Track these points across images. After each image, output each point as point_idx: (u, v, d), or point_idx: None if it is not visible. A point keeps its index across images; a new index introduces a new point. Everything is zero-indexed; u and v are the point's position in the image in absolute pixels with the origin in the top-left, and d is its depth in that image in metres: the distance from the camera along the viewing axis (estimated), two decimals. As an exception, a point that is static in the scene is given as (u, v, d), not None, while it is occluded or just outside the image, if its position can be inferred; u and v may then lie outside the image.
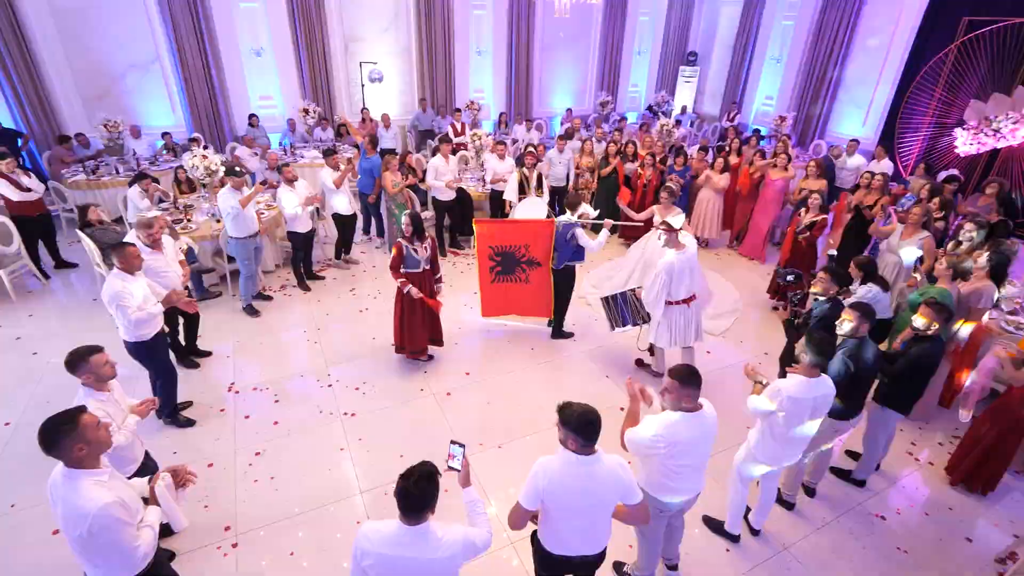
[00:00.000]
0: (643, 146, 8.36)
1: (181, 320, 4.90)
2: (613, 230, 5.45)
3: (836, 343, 3.31)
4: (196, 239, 5.96)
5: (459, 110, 10.29)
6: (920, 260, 5.02)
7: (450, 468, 2.38)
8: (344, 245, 7.02)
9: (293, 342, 5.47)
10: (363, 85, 10.83)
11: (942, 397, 4.75)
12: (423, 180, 8.12)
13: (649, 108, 13.90)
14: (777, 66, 12.74)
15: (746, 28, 12.88)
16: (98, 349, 2.80)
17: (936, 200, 5.55)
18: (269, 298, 6.19)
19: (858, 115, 11.33)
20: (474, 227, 5.31)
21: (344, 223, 6.77)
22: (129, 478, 2.47)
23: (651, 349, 4.93)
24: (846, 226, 6.28)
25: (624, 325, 4.84)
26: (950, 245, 5.05)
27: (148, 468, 3.06)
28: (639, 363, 5.17)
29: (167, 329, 4.50)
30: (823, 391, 2.97)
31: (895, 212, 5.49)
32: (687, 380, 2.53)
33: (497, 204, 7.43)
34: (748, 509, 3.60)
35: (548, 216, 5.61)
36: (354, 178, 6.94)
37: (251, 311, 5.86)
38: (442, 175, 7.07)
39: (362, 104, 10.72)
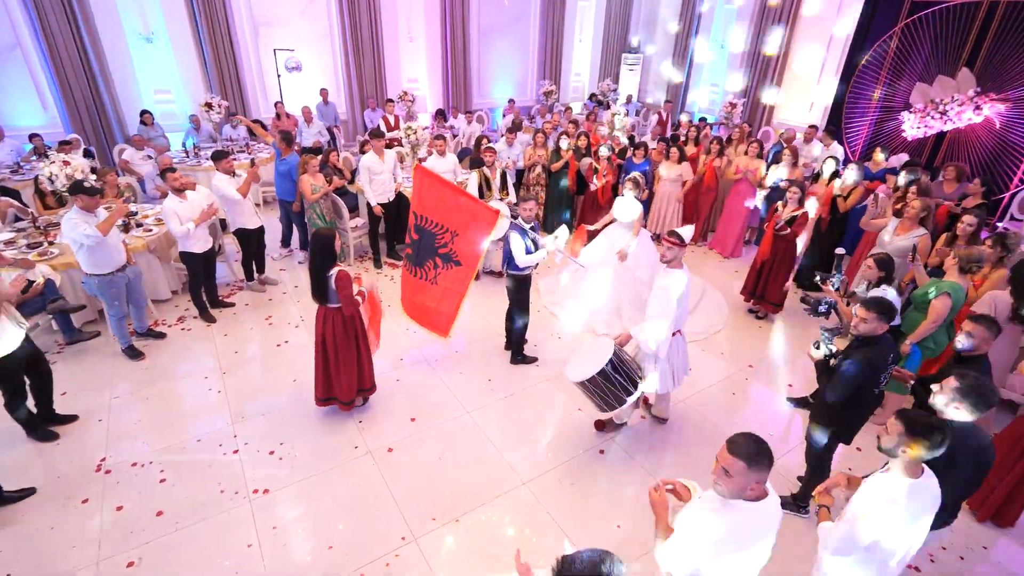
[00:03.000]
0: (595, 141, 7.68)
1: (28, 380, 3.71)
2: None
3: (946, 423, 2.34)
4: (59, 267, 4.72)
5: (391, 101, 9.25)
6: (914, 249, 4.55)
7: None
8: (255, 264, 5.88)
9: (190, 393, 4.36)
10: (279, 76, 9.57)
11: None
12: (352, 181, 7.10)
13: (591, 97, 13.28)
14: (721, 52, 12.46)
15: (688, 14, 12.50)
16: None
17: (914, 189, 5.13)
18: (161, 335, 5.02)
19: (804, 101, 11.16)
20: (412, 174, 4.13)
21: (250, 238, 5.64)
22: None
23: (645, 399, 4.12)
24: (817, 218, 5.83)
25: (628, 396, 3.44)
26: (942, 239, 4.62)
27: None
28: (600, 426, 4.11)
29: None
30: (930, 495, 2.09)
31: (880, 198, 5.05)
32: (756, 459, 1.79)
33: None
34: None
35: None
36: (257, 182, 5.80)
37: (133, 354, 4.69)
38: (376, 175, 6.08)
39: (279, 97, 9.45)
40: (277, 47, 9.51)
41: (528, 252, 4.21)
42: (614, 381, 3.35)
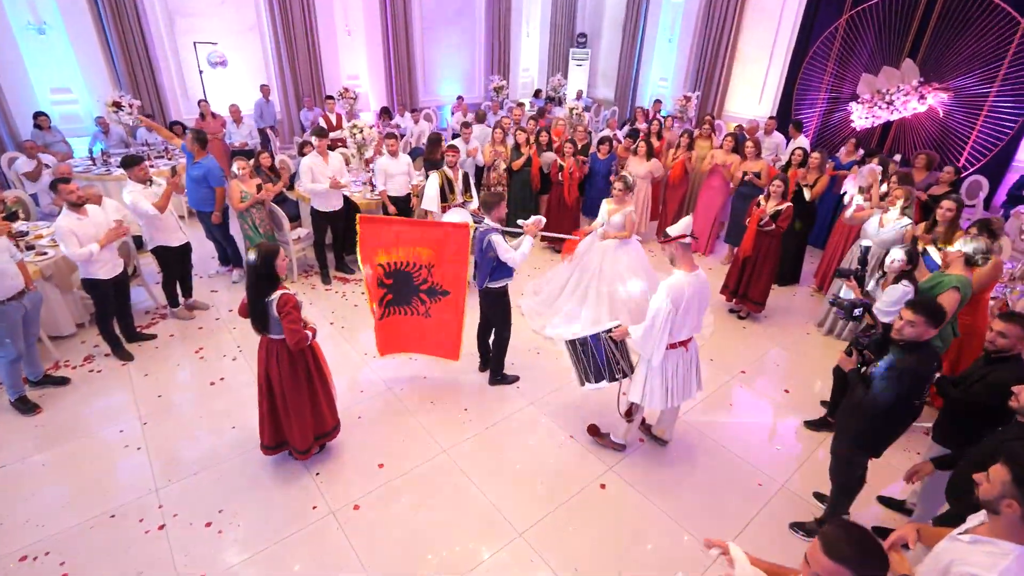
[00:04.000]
0: (556, 134, 7.26)
1: None
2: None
3: None
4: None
5: (331, 98, 8.47)
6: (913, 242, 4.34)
7: None
8: (181, 286, 5.05)
9: (101, 453, 3.56)
10: (201, 72, 8.58)
11: None
12: (292, 187, 6.34)
13: (536, 93, 12.86)
14: (669, 45, 12.37)
15: (635, 7, 12.33)
16: None
17: (894, 179, 5.00)
18: (63, 381, 4.14)
19: (753, 93, 11.21)
20: (356, 228, 3.75)
21: (173, 258, 4.82)
22: None
23: (628, 413, 3.65)
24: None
25: (599, 381, 3.48)
26: (922, 226, 4.47)
27: None
28: (593, 431, 3.84)
29: None
30: None
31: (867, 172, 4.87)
32: (868, 561, 1.34)
33: (401, 215, 5.91)
34: None
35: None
36: (180, 192, 4.98)
37: (24, 406, 3.82)
38: (320, 178, 5.37)
39: (202, 95, 8.46)
40: (197, 40, 8.51)
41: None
42: (597, 358, 3.37)
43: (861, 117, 9.35)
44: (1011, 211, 7.10)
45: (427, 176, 6.11)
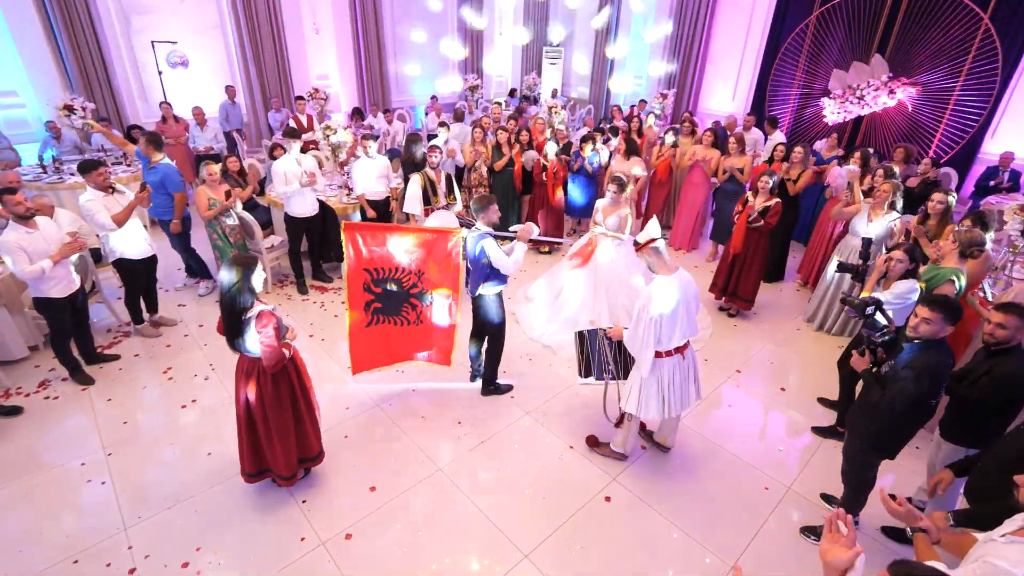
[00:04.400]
0: (535, 133, 7.10)
1: None
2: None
3: None
4: None
5: (301, 99, 8.13)
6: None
7: None
8: (145, 301, 4.71)
9: (61, 489, 3.24)
10: (160, 72, 8.14)
11: None
12: (263, 192, 6.04)
13: (512, 93, 12.71)
14: (643, 44, 12.36)
15: (607, 5, 12.26)
16: None
17: (880, 172, 5.01)
18: (16, 410, 3.78)
19: (727, 90, 11.29)
20: (342, 235, 3.55)
21: (136, 271, 4.48)
22: None
23: (619, 420, 3.52)
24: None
25: (587, 376, 3.44)
26: (914, 220, 4.47)
27: None
28: (592, 441, 3.71)
29: None
30: None
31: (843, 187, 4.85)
32: None
33: (381, 218, 5.68)
34: None
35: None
36: (146, 206, 4.62)
37: (-27, 444, 3.47)
38: (295, 181, 5.09)
39: (162, 97, 8.02)
40: (155, 39, 8.06)
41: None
42: (592, 353, 3.40)
43: (833, 112, 9.48)
44: (980, 202, 7.26)
45: (406, 178, 5.90)
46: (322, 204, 5.55)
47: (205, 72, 8.68)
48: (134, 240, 4.35)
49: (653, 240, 2.96)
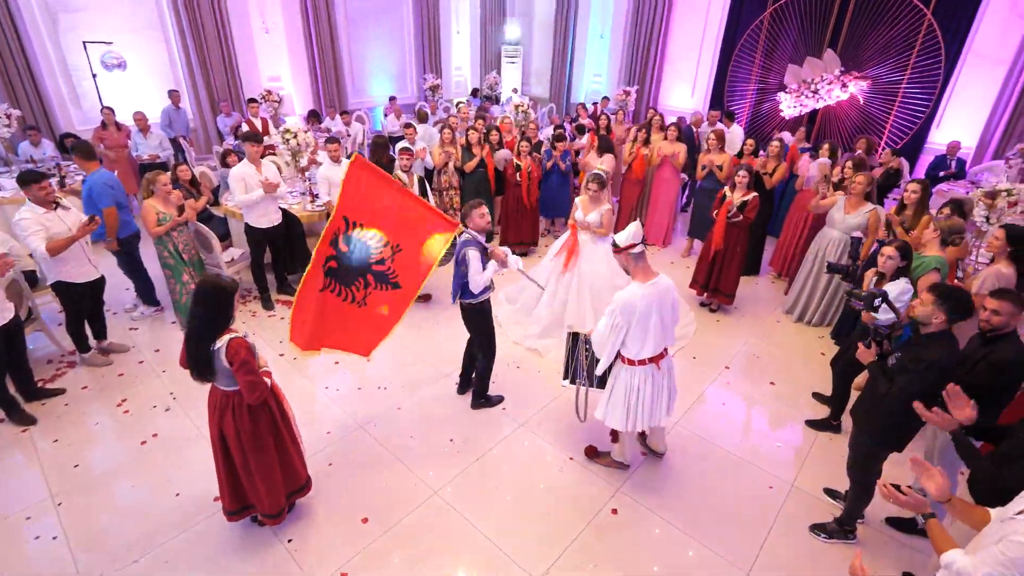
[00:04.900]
0: (505, 131, 6.93)
1: None
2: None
3: None
4: None
5: (255, 102, 7.67)
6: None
7: None
8: (91, 327, 4.27)
9: (3, 549, 2.84)
10: (95, 75, 7.53)
11: None
12: (217, 202, 5.63)
13: (474, 92, 12.52)
14: (601, 42, 12.40)
15: (565, 5, 12.24)
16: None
17: (850, 164, 5.09)
18: (-58, 460, 3.32)
19: (686, 87, 11.44)
20: (346, 166, 3.16)
21: (79, 296, 4.04)
22: None
23: (614, 433, 3.39)
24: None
25: (564, 379, 3.36)
26: (891, 210, 4.54)
27: None
28: (591, 452, 3.53)
29: None
30: None
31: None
32: None
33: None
34: None
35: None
36: (89, 232, 4.04)
37: None
38: (254, 188, 4.73)
39: (98, 102, 7.40)
40: (87, 39, 7.44)
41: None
42: (575, 358, 3.28)
43: (790, 106, 9.74)
44: (931, 190, 7.56)
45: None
46: (285, 213, 5.20)
47: (145, 74, 8.08)
48: (75, 261, 3.90)
49: (633, 246, 2.84)
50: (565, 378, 3.36)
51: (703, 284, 5.34)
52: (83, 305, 4.09)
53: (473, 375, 3.93)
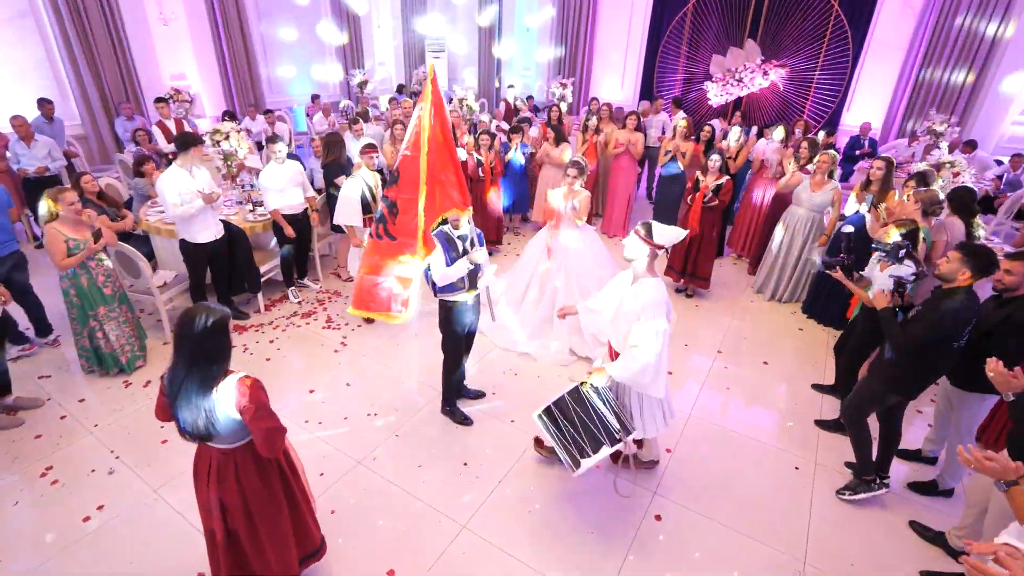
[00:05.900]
0: (455, 122, 6.57)
1: None
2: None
3: None
4: None
5: (164, 101, 6.69)
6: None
7: None
8: (-4, 382, 3.43)
9: None
10: (-51, 75, 6.22)
11: None
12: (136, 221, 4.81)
13: (400, 89, 11.95)
14: (528, 34, 12.27)
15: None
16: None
17: (806, 145, 5.25)
18: None
19: (615, 78, 11.60)
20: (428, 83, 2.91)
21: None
22: None
23: (639, 442, 3.19)
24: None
25: (598, 451, 2.61)
26: (858, 186, 4.72)
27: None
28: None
29: None
30: None
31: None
32: None
33: (302, 236, 4.80)
34: None
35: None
36: None
37: None
38: (188, 196, 4.03)
39: (-44, 107, 6.12)
40: (-66, 31, 6.13)
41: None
42: (582, 422, 2.66)
43: (716, 95, 10.14)
44: (854, 168, 8.13)
45: (329, 185, 5.08)
46: (227, 225, 4.52)
47: (17, 73, 6.82)
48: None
49: (662, 247, 2.66)
50: (585, 458, 2.60)
51: (679, 270, 5.32)
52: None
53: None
